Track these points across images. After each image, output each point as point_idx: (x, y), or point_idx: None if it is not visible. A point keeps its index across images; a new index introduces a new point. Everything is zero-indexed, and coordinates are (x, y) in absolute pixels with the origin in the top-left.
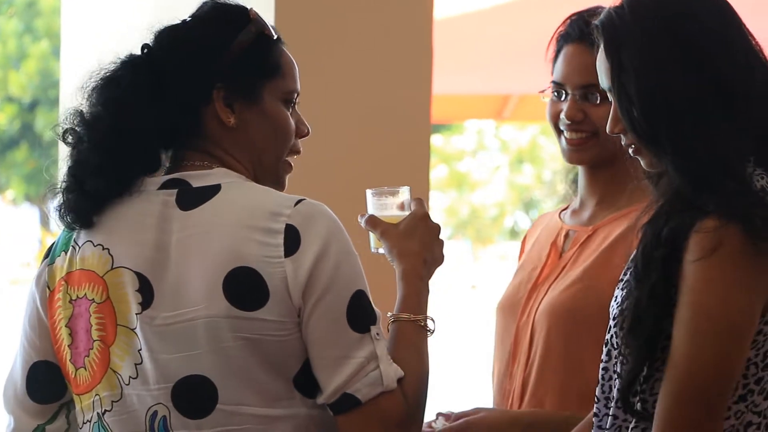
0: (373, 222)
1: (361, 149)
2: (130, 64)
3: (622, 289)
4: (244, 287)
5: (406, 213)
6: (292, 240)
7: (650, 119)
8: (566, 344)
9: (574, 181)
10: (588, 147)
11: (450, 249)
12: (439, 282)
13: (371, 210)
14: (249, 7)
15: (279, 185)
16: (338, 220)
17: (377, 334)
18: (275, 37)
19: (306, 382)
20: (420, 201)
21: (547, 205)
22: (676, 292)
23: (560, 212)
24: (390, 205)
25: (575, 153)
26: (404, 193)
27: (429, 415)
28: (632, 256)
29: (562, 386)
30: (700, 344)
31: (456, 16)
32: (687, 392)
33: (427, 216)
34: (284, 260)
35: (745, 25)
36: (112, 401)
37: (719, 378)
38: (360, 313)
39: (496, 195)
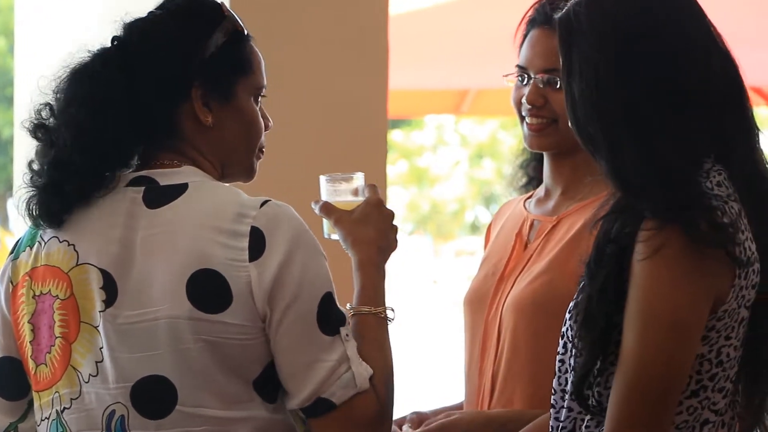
0: (327, 209)
1: (318, 144)
2: (100, 58)
3: (579, 283)
4: (207, 290)
5: (360, 199)
6: (256, 243)
7: (588, 121)
8: (534, 337)
9: (521, 167)
10: (547, 133)
11: (411, 244)
12: (399, 277)
13: (324, 196)
14: (220, 2)
15: (250, 176)
16: (303, 222)
17: (347, 335)
18: (246, 32)
19: (266, 386)
20: (374, 187)
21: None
22: (626, 287)
23: (525, 201)
24: (344, 191)
25: (535, 138)
26: (358, 179)
27: (398, 411)
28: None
29: (531, 379)
30: (646, 341)
31: (413, 11)
32: (635, 388)
33: (381, 202)
34: (249, 265)
35: (710, 25)
36: (71, 399)
37: (666, 374)
38: (329, 316)
39: (456, 190)
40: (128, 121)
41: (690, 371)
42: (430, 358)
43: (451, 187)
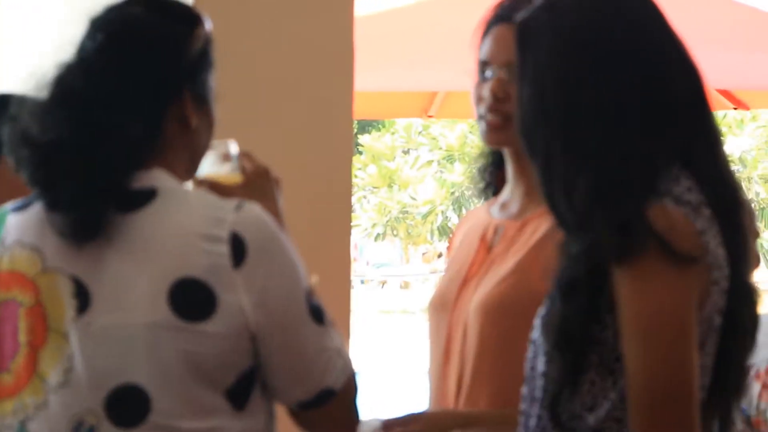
0: (214, 188)
1: (283, 146)
2: (90, 55)
3: (548, 294)
4: (190, 298)
5: (233, 165)
6: (237, 249)
7: (531, 127)
8: (500, 340)
9: (479, 172)
10: (504, 128)
11: (381, 248)
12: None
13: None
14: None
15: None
16: (273, 221)
17: (328, 319)
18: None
19: (238, 395)
20: (250, 156)
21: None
22: (605, 300)
23: (489, 206)
24: (214, 161)
25: (492, 134)
26: (222, 145)
27: (365, 416)
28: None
29: (497, 382)
30: (653, 351)
31: (382, 12)
32: (657, 400)
33: (267, 170)
34: (233, 272)
35: (671, 33)
36: (36, 407)
37: (682, 377)
38: (317, 308)
39: (426, 193)
40: (119, 128)
41: None
42: (400, 362)
43: (420, 191)
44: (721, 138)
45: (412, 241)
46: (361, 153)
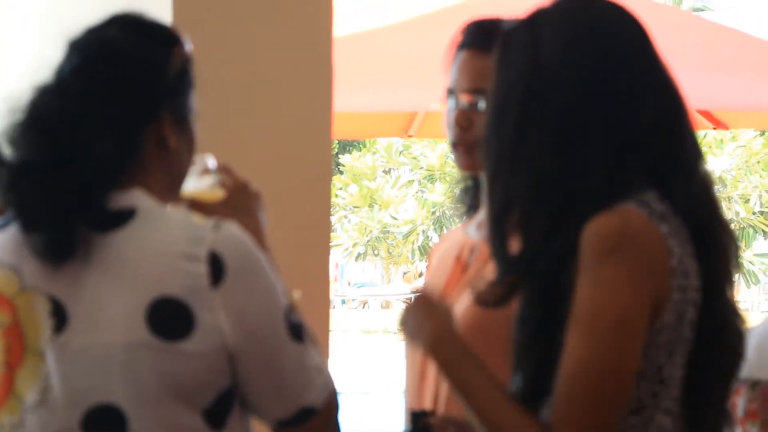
0: (194, 206)
1: (262, 166)
2: (56, 87)
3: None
4: (168, 317)
5: (213, 179)
6: (216, 268)
7: (488, 140)
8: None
9: (464, 192)
10: (472, 155)
11: (362, 268)
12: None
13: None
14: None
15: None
16: (251, 241)
17: (308, 337)
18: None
19: (217, 414)
20: (229, 170)
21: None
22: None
23: (466, 226)
24: (193, 177)
25: (462, 159)
26: (200, 160)
27: None
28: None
29: None
30: (593, 340)
31: (359, 33)
32: (585, 387)
33: (246, 185)
34: (211, 291)
35: (653, 56)
36: (12, 427)
37: (616, 371)
38: (297, 326)
39: (407, 213)
40: (97, 149)
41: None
42: (381, 381)
43: (402, 210)
44: (701, 159)
45: (393, 260)
46: (342, 173)
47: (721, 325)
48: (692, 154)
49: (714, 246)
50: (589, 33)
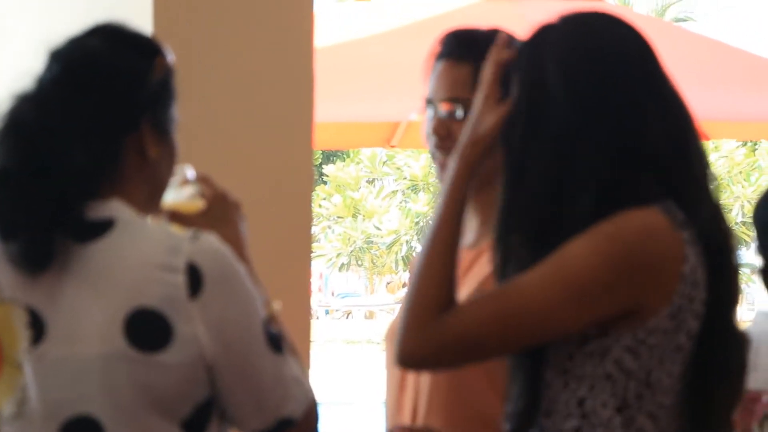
0: (174, 217)
1: (243, 177)
2: (47, 85)
3: None
4: (145, 328)
5: (192, 190)
6: (194, 279)
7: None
8: (455, 375)
9: None
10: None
11: (346, 278)
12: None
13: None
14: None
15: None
16: (230, 252)
17: (287, 348)
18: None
19: (195, 426)
20: (208, 180)
21: None
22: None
23: None
24: (173, 188)
25: (441, 171)
26: (179, 171)
27: None
28: None
29: (451, 412)
30: (540, 281)
31: (343, 42)
32: (501, 311)
33: (225, 196)
34: (189, 302)
35: (660, 77)
36: None
37: (535, 314)
38: (274, 337)
39: (390, 223)
40: (75, 158)
41: (615, 386)
42: (364, 392)
43: (385, 220)
44: (711, 180)
45: (376, 271)
46: (325, 183)
47: (726, 342)
48: (702, 174)
49: (726, 264)
50: (592, 52)
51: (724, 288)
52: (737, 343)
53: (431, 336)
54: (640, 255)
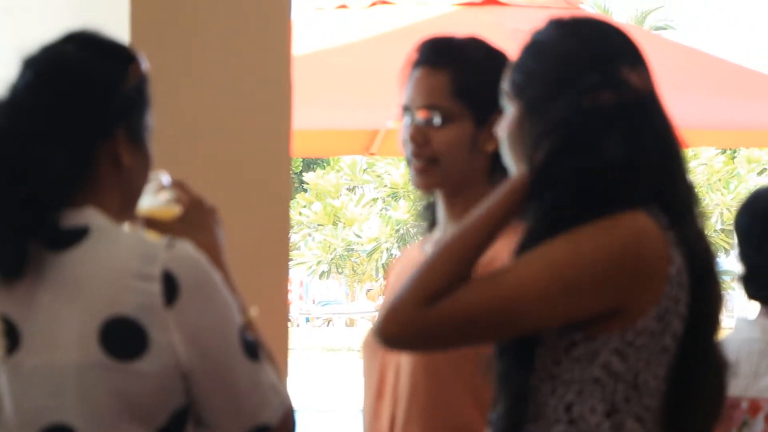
0: (150, 225)
1: (221, 184)
2: (8, 103)
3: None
4: (121, 337)
5: (168, 196)
6: (169, 288)
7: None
8: (430, 379)
9: (426, 209)
10: (431, 172)
11: (327, 285)
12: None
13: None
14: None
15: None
16: (205, 259)
17: (263, 355)
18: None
19: None
20: (184, 185)
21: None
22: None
23: (422, 244)
24: (149, 194)
25: (419, 178)
26: (155, 177)
27: None
28: None
29: (429, 421)
30: (531, 271)
31: (321, 50)
32: (492, 298)
33: (201, 201)
34: (165, 310)
35: (651, 96)
36: None
37: (528, 302)
38: (250, 344)
39: (371, 230)
40: (50, 163)
41: (604, 390)
42: (344, 399)
43: (366, 228)
44: (695, 200)
45: (357, 278)
46: (306, 191)
47: (708, 348)
48: (686, 194)
49: (708, 272)
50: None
51: (706, 292)
52: (718, 350)
53: (421, 313)
54: (636, 254)
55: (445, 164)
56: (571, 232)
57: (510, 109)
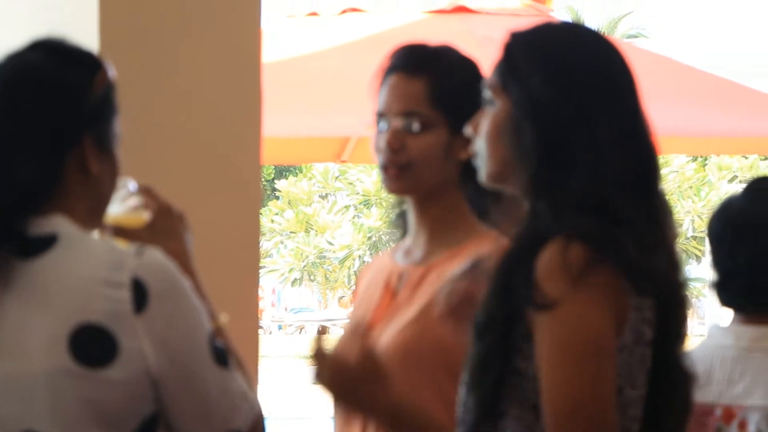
0: (118, 232)
1: (190, 192)
2: None
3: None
4: (90, 344)
5: (136, 203)
6: (139, 294)
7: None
8: (404, 386)
9: (398, 216)
10: (403, 177)
11: (299, 293)
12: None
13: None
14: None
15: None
16: (174, 266)
17: (233, 361)
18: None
19: None
20: (151, 191)
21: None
22: (524, 340)
23: (393, 252)
24: (116, 201)
25: (392, 182)
26: (122, 184)
27: None
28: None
29: None
30: (569, 370)
31: (289, 58)
32: (570, 420)
33: (169, 208)
34: (134, 317)
35: (633, 105)
36: None
37: (594, 403)
38: (220, 351)
39: (343, 238)
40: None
41: None
42: (316, 409)
43: (338, 235)
44: (669, 218)
45: (329, 285)
46: (278, 198)
47: (674, 351)
48: (660, 211)
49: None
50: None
51: (669, 295)
52: (684, 355)
53: None
54: (616, 284)
55: (418, 171)
56: (563, 305)
57: (496, 105)
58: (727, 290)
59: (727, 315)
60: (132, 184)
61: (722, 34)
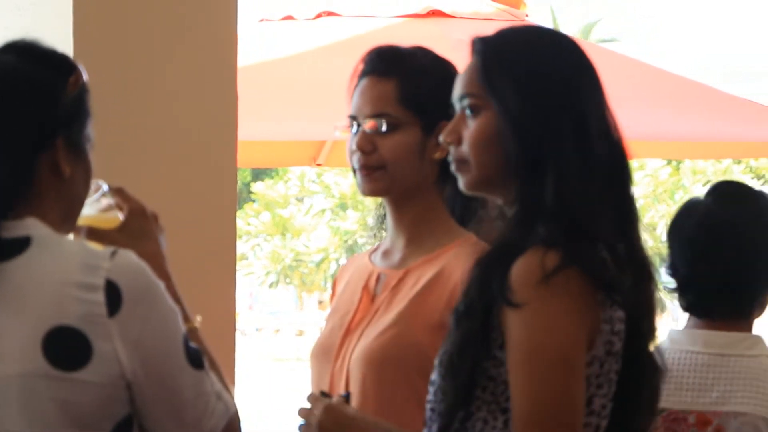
0: (92, 235)
1: (165, 195)
2: None
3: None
4: (64, 347)
5: (108, 204)
6: (113, 297)
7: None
8: (381, 391)
9: (377, 220)
10: (377, 178)
11: (275, 295)
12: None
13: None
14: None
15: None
16: (148, 269)
17: (207, 362)
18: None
19: None
20: (123, 192)
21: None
22: (498, 334)
23: (370, 254)
24: (89, 203)
25: (366, 183)
26: (96, 185)
27: None
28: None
29: None
30: (537, 376)
31: (264, 62)
32: (538, 426)
33: (144, 209)
34: (108, 320)
35: (602, 105)
36: None
37: (562, 410)
38: (194, 353)
39: (319, 241)
40: None
41: None
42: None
43: (314, 238)
44: (635, 213)
45: (306, 288)
46: (254, 201)
47: (643, 362)
48: (630, 203)
49: (643, 276)
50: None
51: (639, 302)
52: (653, 359)
53: None
54: (589, 295)
55: (392, 171)
56: (533, 313)
57: (481, 114)
58: (687, 296)
59: (683, 319)
60: (104, 186)
61: (695, 38)
